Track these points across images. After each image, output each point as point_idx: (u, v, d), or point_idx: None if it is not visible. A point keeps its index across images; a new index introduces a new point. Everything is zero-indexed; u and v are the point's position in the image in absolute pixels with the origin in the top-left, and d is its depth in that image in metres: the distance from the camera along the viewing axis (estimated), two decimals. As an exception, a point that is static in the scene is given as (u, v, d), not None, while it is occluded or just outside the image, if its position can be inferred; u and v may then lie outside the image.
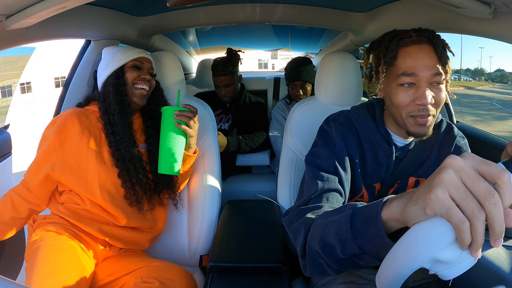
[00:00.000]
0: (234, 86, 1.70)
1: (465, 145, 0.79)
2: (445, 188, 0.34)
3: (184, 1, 0.97)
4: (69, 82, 1.22)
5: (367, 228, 0.44)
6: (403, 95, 0.67)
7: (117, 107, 0.91)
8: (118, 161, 0.90)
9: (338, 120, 0.79)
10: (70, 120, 0.90)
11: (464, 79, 13.15)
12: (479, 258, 0.35)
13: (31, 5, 0.66)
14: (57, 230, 0.87)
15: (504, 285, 0.46)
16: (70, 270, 0.78)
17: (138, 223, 0.95)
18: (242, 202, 1.22)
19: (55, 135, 0.88)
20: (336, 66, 1.08)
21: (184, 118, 0.91)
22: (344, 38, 1.80)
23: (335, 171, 0.72)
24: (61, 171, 0.89)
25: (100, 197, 0.89)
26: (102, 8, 1.07)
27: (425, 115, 0.66)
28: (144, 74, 0.97)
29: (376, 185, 0.78)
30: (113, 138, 0.90)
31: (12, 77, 14.51)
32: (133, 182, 0.91)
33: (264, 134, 1.67)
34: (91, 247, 0.90)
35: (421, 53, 0.65)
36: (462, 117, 1.13)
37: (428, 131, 0.69)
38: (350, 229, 0.47)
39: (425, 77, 0.65)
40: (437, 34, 0.68)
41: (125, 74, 0.95)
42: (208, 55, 2.73)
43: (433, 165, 0.75)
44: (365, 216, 0.45)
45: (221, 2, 1.29)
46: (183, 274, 0.88)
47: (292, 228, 0.64)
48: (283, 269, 0.80)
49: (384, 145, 0.75)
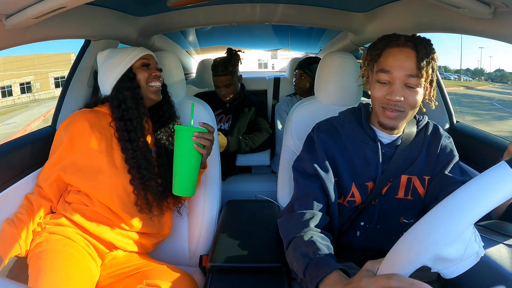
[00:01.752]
0: (234, 86, 1.70)
1: (450, 144, 0.83)
2: None
3: (184, 1, 0.97)
4: (69, 82, 1.22)
5: (308, 283, 0.61)
6: (378, 90, 0.75)
7: (136, 112, 0.90)
8: (133, 168, 0.89)
9: (322, 128, 0.86)
10: (81, 122, 0.90)
11: (464, 79, 13.16)
12: (481, 257, 0.35)
13: (31, 5, 0.66)
14: (63, 233, 0.85)
15: (505, 284, 0.46)
16: (78, 278, 0.77)
17: (145, 228, 0.94)
18: (242, 202, 1.22)
19: (67, 139, 0.89)
20: (336, 66, 1.08)
21: (203, 141, 0.85)
22: (344, 38, 1.80)
23: (316, 173, 0.79)
24: (72, 173, 0.89)
25: (109, 201, 0.88)
26: (102, 8, 1.07)
27: (393, 109, 0.73)
28: (155, 71, 0.97)
29: (368, 184, 0.81)
30: (130, 145, 0.89)
31: (12, 77, 14.75)
32: (146, 190, 0.90)
33: (264, 134, 1.67)
34: (97, 249, 0.89)
35: (401, 55, 0.71)
36: (462, 117, 1.14)
37: (395, 124, 0.76)
38: (303, 273, 0.64)
39: (398, 76, 0.71)
40: (428, 43, 0.73)
41: (137, 76, 0.94)
42: (208, 55, 2.73)
43: (422, 164, 0.80)
44: (310, 277, 0.61)
45: (221, 2, 1.29)
46: (186, 278, 0.86)
47: (281, 232, 0.78)
48: (283, 269, 0.80)
49: (369, 142, 0.80)
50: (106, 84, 0.95)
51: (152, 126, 1.00)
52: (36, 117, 14.29)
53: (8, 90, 16.40)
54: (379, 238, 0.83)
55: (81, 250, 0.84)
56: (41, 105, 16.07)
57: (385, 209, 0.81)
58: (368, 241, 0.84)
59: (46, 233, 0.85)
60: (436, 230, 0.35)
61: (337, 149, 0.81)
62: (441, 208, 0.38)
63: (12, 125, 14.03)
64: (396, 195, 0.81)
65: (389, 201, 0.81)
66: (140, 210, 0.91)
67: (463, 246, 0.36)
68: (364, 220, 0.83)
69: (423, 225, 0.36)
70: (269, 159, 1.72)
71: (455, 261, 0.35)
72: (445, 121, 1.21)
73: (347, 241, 0.85)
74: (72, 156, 0.89)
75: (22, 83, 16.61)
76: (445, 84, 1.24)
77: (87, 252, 0.85)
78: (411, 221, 0.82)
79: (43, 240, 0.83)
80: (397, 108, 0.73)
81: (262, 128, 1.69)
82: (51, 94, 16.94)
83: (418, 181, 0.80)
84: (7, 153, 0.94)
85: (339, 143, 0.82)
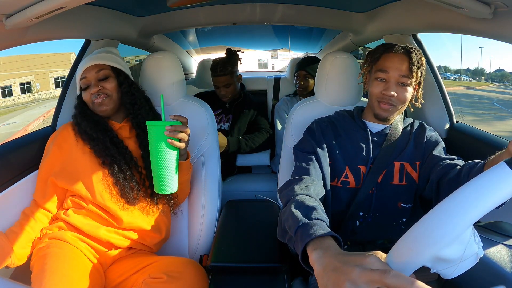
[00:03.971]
0: (234, 86, 1.69)
1: (436, 135, 0.93)
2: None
3: (184, 1, 0.97)
4: (69, 82, 1.22)
5: (298, 242, 0.57)
6: (376, 86, 0.88)
7: (94, 130, 0.94)
8: (106, 161, 0.92)
9: (320, 120, 0.99)
10: (66, 130, 0.97)
11: (464, 79, 13.16)
12: (481, 257, 0.35)
13: (31, 5, 0.66)
14: (62, 238, 0.86)
15: (505, 284, 0.46)
16: (79, 280, 0.77)
17: (140, 224, 0.94)
18: (242, 202, 1.22)
19: (55, 146, 0.95)
20: (336, 66, 1.08)
21: (177, 134, 0.82)
22: (344, 38, 1.80)
23: (314, 151, 0.89)
24: (63, 178, 0.92)
25: (100, 199, 0.90)
26: (102, 8, 1.07)
27: (387, 103, 0.86)
28: (93, 89, 0.94)
29: (361, 167, 0.89)
30: (99, 142, 0.93)
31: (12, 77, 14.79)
32: (127, 179, 0.91)
33: (264, 134, 1.67)
34: (96, 250, 0.89)
35: (396, 59, 0.85)
36: (462, 117, 1.14)
37: (388, 115, 0.88)
38: (295, 230, 0.60)
39: (393, 76, 0.85)
40: (418, 52, 0.85)
41: (83, 98, 0.98)
42: (208, 55, 2.73)
43: (412, 151, 0.90)
44: (301, 236, 0.57)
45: (221, 2, 1.29)
46: (192, 266, 0.86)
47: (281, 196, 0.80)
48: (283, 269, 0.80)
49: (360, 131, 0.93)
50: None
51: (135, 130, 0.99)
52: (36, 117, 14.31)
53: (8, 90, 16.42)
54: (379, 226, 0.88)
55: (79, 254, 0.85)
56: (41, 105, 16.09)
57: (382, 196, 0.88)
58: (368, 230, 0.88)
59: (47, 238, 0.87)
60: (436, 230, 0.35)
61: (333, 137, 0.93)
62: (440, 209, 0.38)
63: (12, 125, 14.03)
64: (392, 181, 0.88)
65: (385, 188, 0.88)
66: (128, 201, 0.91)
67: (463, 247, 0.36)
68: (363, 210, 0.88)
69: (423, 226, 0.36)
70: (269, 159, 1.72)
71: (455, 261, 0.35)
72: (445, 121, 1.21)
73: (347, 232, 0.88)
74: (61, 162, 0.94)
75: (22, 83, 16.63)
76: (445, 84, 1.24)
77: (85, 256, 0.86)
78: (409, 206, 0.89)
79: (44, 245, 0.84)
80: (390, 102, 0.86)
81: (262, 128, 1.69)
82: (51, 94, 16.97)
83: (410, 167, 0.89)
84: (7, 153, 0.94)
85: (335, 132, 0.94)
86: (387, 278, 0.38)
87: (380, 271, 0.39)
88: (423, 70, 0.86)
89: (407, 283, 0.36)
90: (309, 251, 0.53)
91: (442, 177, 0.80)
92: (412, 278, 0.37)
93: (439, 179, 0.81)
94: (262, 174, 1.85)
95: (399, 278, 0.37)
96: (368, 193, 0.87)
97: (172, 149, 0.83)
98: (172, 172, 0.84)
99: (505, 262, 0.52)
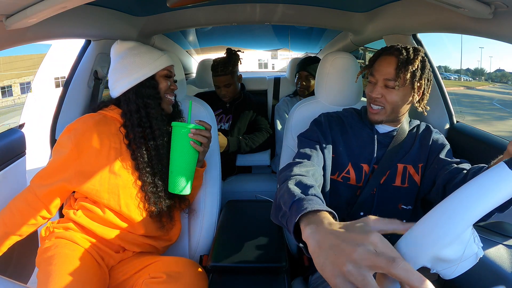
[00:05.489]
0: (234, 86, 1.70)
1: (442, 137, 0.93)
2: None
3: (184, 1, 0.97)
4: (69, 82, 1.22)
5: (291, 216, 0.53)
6: (367, 88, 0.90)
7: (159, 120, 0.88)
8: (148, 176, 0.88)
9: (328, 114, 1.00)
10: (89, 130, 0.86)
11: (464, 79, 13.15)
12: (481, 257, 0.35)
13: (31, 5, 0.66)
14: (70, 238, 0.84)
15: (504, 285, 0.46)
16: (88, 283, 0.77)
17: (155, 232, 0.93)
18: (242, 202, 1.22)
19: (73, 146, 0.84)
20: (336, 66, 1.08)
21: (200, 137, 0.86)
22: (344, 38, 1.80)
23: (318, 140, 0.90)
24: (79, 181, 0.85)
25: (119, 207, 0.87)
26: (102, 8, 1.07)
27: (373, 105, 0.88)
28: (173, 85, 0.95)
29: (363, 165, 0.90)
30: (147, 153, 0.88)
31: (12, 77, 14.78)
32: (158, 196, 0.89)
33: (264, 134, 1.67)
34: (105, 253, 0.88)
35: (384, 62, 0.85)
36: (462, 117, 1.14)
37: (378, 119, 0.89)
38: (290, 205, 0.56)
39: (379, 78, 0.86)
40: (416, 55, 0.83)
41: (159, 84, 0.91)
42: (208, 55, 2.73)
43: (416, 153, 0.90)
44: (295, 209, 0.53)
45: (221, 2, 1.29)
46: (192, 266, 0.86)
47: (279, 177, 0.77)
48: (283, 269, 0.80)
49: (366, 130, 0.93)
50: (121, 81, 0.90)
51: None
52: (36, 117, 14.28)
53: (8, 90, 16.41)
54: None
55: (87, 256, 0.83)
56: (42, 105, 16.07)
57: (384, 197, 0.88)
58: None
59: (54, 237, 0.85)
60: (435, 231, 0.35)
61: (339, 132, 0.93)
62: (440, 209, 0.38)
63: (12, 125, 14.02)
64: (394, 183, 0.88)
65: (387, 189, 0.88)
66: (150, 215, 0.90)
67: (462, 247, 0.36)
68: (364, 210, 0.88)
69: (422, 226, 0.36)
70: (269, 159, 1.72)
71: (454, 262, 0.35)
72: (445, 121, 1.21)
73: None
74: (78, 164, 0.85)
75: (22, 83, 16.62)
76: (445, 84, 1.24)
77: (93, 258, 0.84)
78: (409, 207, 0.89)
79: (52, 244, 0.83)
80: (377, 103, 0.88)
81: (262, 128, 1.69)
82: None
83: (413, 169, 0.89)
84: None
85: (342, 128, 0.95)
86: (395, 269, 0.34)
87: (387, 259, 0.35)
88: (417, 72, 0.82)
89: (417, 280, 0.33)
90: (302, 226, 0.49)
91: (449, 182, 0.79)
92: (423, 276, 0.33)
93: (446, 183, 0.80)
94: (262, 174, 1.85)
95: (409, 272, 0.33)
96: (370, 194, 0.88)
97: (193, 151, 0.87)
98: (189, 174, 0.88)
99: (505, 262, 0.52)
